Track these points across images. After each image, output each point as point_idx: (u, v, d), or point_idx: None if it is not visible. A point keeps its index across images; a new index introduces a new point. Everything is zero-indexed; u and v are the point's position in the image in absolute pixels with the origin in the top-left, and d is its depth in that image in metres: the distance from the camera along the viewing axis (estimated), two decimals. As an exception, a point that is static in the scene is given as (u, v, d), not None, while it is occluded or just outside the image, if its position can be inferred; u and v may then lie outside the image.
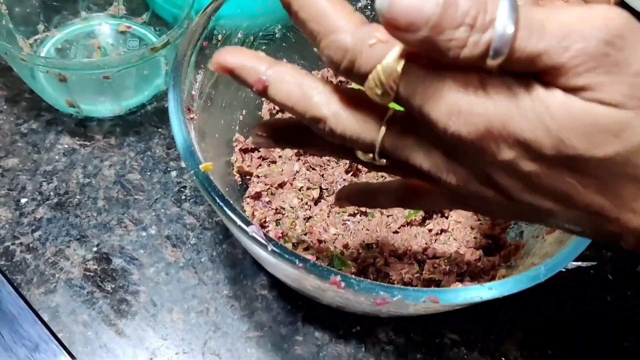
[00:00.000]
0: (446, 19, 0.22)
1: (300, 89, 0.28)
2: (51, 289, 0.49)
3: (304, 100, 0.28)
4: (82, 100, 0.57)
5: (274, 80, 0.28)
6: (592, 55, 0.21)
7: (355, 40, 0.25)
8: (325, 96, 0.28)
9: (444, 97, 0.24)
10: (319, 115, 0.28)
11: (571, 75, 0.22)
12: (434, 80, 0.24)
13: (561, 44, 0.22)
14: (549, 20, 0.22)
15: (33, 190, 0.55)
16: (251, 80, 0.28)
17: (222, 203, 0.36)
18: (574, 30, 0.22)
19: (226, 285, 0.51)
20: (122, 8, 0.67)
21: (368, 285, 0.34)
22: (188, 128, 0.40)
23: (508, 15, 0.21)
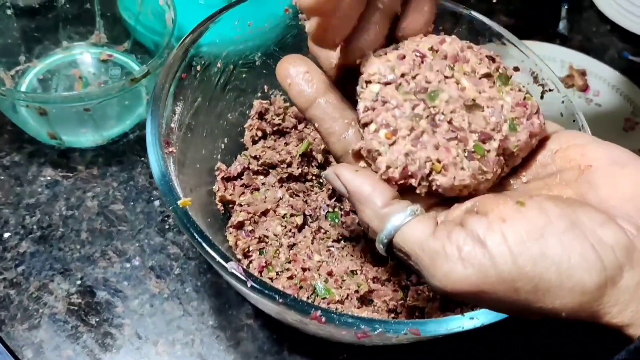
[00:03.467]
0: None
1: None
2: (35, 325, 0.49)
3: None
4: (64, 132, 0.57)
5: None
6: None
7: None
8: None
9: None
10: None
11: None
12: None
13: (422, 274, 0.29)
14: (411, 255, 0.28)
15: (16, 224, 0.54)
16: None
17: (200, 239, 0.36)
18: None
19: (211, 316, 0.50)
20: (103, 36, 0.67)
21: (349, 319, 0.34)
22: (167, 163, 0.40)
23: (383, 238, 0.29)
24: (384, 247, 0.30)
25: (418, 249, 0.28)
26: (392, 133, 0.31)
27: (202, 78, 0.49)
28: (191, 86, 0.48)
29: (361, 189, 0.30)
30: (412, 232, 0.28)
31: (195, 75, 0.48)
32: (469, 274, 0.26)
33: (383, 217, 0.29)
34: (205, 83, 0.50)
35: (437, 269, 0.27)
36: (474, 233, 0.27)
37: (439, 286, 0.27)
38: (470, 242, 0.27)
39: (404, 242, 0.28)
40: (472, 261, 0.26)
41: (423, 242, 0.28)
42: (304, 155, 0.53)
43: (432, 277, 0.28)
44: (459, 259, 0.26)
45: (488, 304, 0.28)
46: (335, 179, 0.31)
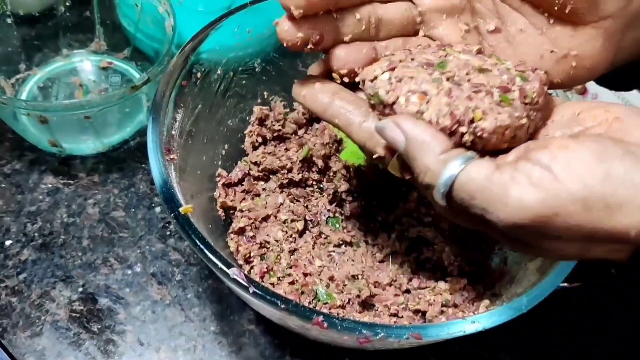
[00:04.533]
0: (409, 165, 0.31)
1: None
2: (37, 332, 0.49)
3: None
4: (65, 139, 0.57)
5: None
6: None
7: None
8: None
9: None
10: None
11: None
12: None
13: (485, 215, 0.29)
14: (478, 191, 0.28)
15: (17, 232, 0.54)
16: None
17: (202, 246, 0.37)
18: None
19: (213, 322, 0.50)
20: (103, 44, 0.67)
21: (351, 324, 0.35)
22: (168, 170, 0.41)
23: (444, 183, 0.29)
24: (444, 191, 0.30)
25: (485, 183, 0.28)
26: (423, 94, 0.32)
27: (202, 85, 0.49)
28: (191, 93, 0.48)
29: (423, 135, 0.30)
30: (477, 169, 0.29)
31: (196, 82, 0.48)
32: (542, 197, 0.27)
33: (444, 161, 0.30)
34: (206, 90, 0.50)
35: (509, 197, 0.27)
36: (540, 162, 0.28)
37: (511, 215, 0.28)
38: (538, 169, 0.27)
39: (468, 180, 0.29)
40: (543, 185, 0.27)
41: (489, 176, 0.28)
42: (304, 161, 0.53)
43: (504, 207, 0.28)
44: (530, 185, 0.27)
45: (560, 230, 0.28)
46: (393, 128, 0.31)
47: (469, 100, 0.31)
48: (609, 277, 0.56)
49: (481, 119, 0.31)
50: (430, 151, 0.30)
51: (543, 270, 0.41)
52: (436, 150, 0.30)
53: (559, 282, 0.38)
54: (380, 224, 0.53)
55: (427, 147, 0.30)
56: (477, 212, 0.29)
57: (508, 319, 0.36)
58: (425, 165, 0.30)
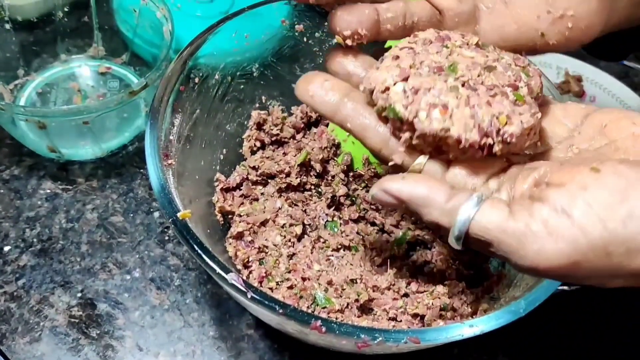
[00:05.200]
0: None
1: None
2: (36, 338, 0.49)
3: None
4: (63, 145, 0.57)
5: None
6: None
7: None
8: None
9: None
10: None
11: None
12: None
13: (505, 258, 0.28)
14: (493, 240, 0.28)
15: (16, 238, 0.54)
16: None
17: (200, 251, 0.37)
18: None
19: (212, 327, 0.50)
20: (101, 49, 0.68)
21: (349, 328, 0.35)
22: (166, 175, 0.41)
23: (457, 234, 0.29)
24: (459, 241, 0.29)
25: (500, 234, 0.27)
26: (444, 108, 0.31)
27: (200, 90, 0.49)
28: (189, 98, 0.48)
29: (417, 192, 0.29)
30: (488, 219, 0.28)
31: (194, 87, 0.48)
32: (561, 247, 0.26)
33: (451, 212, 0.29)
34: (204, 95, 0.50)
35: (527, 249, 0.27)
36: (557, 206, 0.26)
37: (531, 266, 0.27)
38: (555, 215, 0.26)
39: (481, 230, 0.28)
40: (561, 234, 0.26)
41: (503, 226, 0.27)
42: (303, 165, 0.53)
43: (523, 259, 0.27)
44: (548, 235, 0.26)
45: (581, 276, 0.27)
46: (384, 196, 0.30)
47: (489, 107, 0.31)
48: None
49: (506, 123, 0.31)
50: (434, 205, 0.29)
51: (541, 273, 0.41)
52: (439, 201, 0.29)
53: (557, 285, 0.38)
54: (379, 228, 0.53)
55: (428, 202, 0.29)
56: (494, 255, 0.29)
57: (506, 323, 0.36)
58: (434, 220, 0.29)
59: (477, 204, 0.28)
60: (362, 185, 0.54)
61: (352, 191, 0.54)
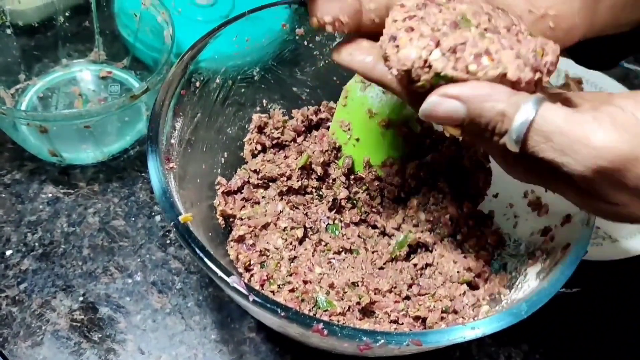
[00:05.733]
0: (473, 125, 0.30)
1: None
2: (38, 342, 0.49)
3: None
4: (65, 149, 0.57)
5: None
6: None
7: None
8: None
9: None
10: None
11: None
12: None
13: (560, 159, 0.28)
14: (555, 133, 0.28)
15: (18, 242, 0.55)
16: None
17: (202, 254, 0.37)
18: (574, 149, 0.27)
19: (213, 330, 0.50)
20: (102, 54, 0.68)
21: (351, 331, 0.35)
22: (167, 178, 0.41)
23: (520, 125, 0.28)
24: (519, 135, 0.28)
25: (565, 123, 0.27)
26: (489, 55, 0.31)
27: (201, 93, 0.49)
28: (191, 102, 0.48)
29: (481, 90, 0.29)
30: (554, 110, 0.28)
31: (195, 91, 0.48)
32: (626, 139, 0.26)
33: (515, 104, 0.29)
34: (205, 98, 0.50)
35: (592, 138, 0.27)
36: (623, 107, 0.27)
37: (592, 157, 0.27)
38: (621, 113, 0.27)
39: (546, 121, 0.28)
40: (628, 127, 0.26)
41: (569, 116, 0.27)
42: (304, 168, 0.53)
43: (584, 149, 0.27)
44: (614, 126, 0.27)
45: (635, 178, 0.27)
46: (444, 100, 0.30)
47: (520, 44, 0.31)
48: (608, 282, 0.57)
49: (543, 54, 0.31)
50: (498, 98, 0.29)
51: (543, 275, 0.41)
52: (503, 95, 0.29)
53: (558, 288, 0.38)
54: (380, 230, 0.53)
55: (492, 97, 0.29)
56: (550, 157, 0.28)
57: (508, 325, 0.36)
58: (499, 111, 0.29)
59: (540, 101, 0.28)
60: (363, 188, 0.54)
61: (353, 194, 0.54)
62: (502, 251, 0.50)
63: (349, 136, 0.53)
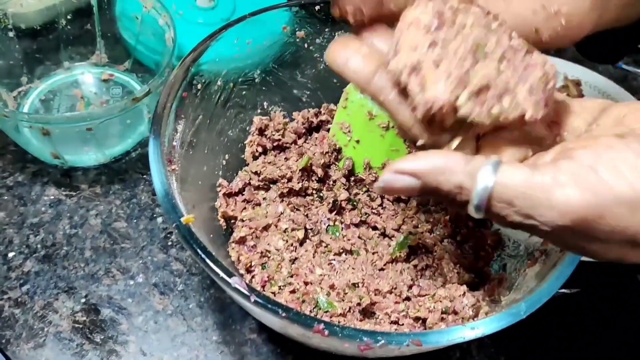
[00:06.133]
0: (433, 195, 0.30)
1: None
2: (40, 343, 0.49)
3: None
4: (67, 151, 0.58)
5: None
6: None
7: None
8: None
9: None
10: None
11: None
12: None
13: (525, 222, 0.28)
14: (517, 198, 0.28)
15: (20, 244, 0.55)
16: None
17: (204, 255, 0.37)
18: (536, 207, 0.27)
19: (215, 331, 0.51)
20: (104, 56, 0.68)
21: (351, 331, 0.35)
22: (169, 180, 0.41)
23: (479, 197, 0.28)
24: (480, 204, 0.28)
25: (526, 188, 0.27)
26: (508, 95, 0.30)
27: (202, 96, 0.50)
28: (192, 104, 0.48)
29: (434, 162, 0.29)
30: (512, 175, 0.28)
31: (196, 94, 0.49)
32: (588, 198, 0.26)
33: (472, 173, 0.28)
34: (206, 101, 0.51)
35: (554, 199, 0.27)
36: (583, 162, 0.27)
37: (556, 218, 0.27)
38: (581, 170, 0.27)
39: (506, 187, 0.28)
40: (588, 186, 0.26)
41: (529, 180, 0.27)
42: (304, 170, 0.53)
43: (550, 210, 0.27)
44: (575, 185, 0.27)
45: (604, 232, 0.27)
46: (398, 177, 0.30)
47: (527, 72, 0.31)
48: (607, 282, 0.57)
49: (547, 80, 0.31)
50: (454, 169, 0.29)
51: (542, 276, 0.41)
52: (460, 164, 0.29)
53: (557, 288, 0.38)
54: (380, 232, 0.53)
55: (448, 168, 0.29)
56: (517, 220, 0.28)
57: (507, 325, 0.37)
58: (456, 184, 0.29)
59: (497, 165, 0.28)
60: (363, 190, 0.54)
61: (353, 196, 0.54)
62: (502, 252, 0.50)
63: (349, 138, 0.54)
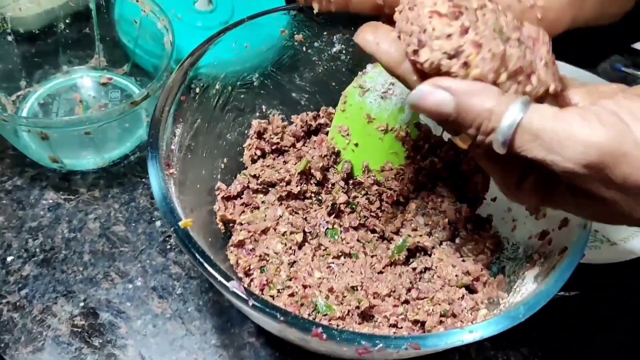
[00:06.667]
0: (460, 121, 0.30)
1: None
2: (39, 347, 0.49)
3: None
4: (65, 155, 0.58)
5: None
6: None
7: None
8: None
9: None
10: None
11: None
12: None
13: (548, 157, 0.28)
14: (544, 130, 0.28)
15: (19, 248, 0.55)
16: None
17: (202, 259, 0.37)
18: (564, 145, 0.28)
19: (214, 335, 0.51)
20: (102, 60, 0.68)
21: (349, 335, 0.35)
22: (167, 184, 0.41)
23: (508, 125, 0.29)
24: (507, 134, 0.29)
25: (552, 121, 0.28)
26: (534, 74, 0.31)
27: (201, 100, 0.50)
28: (190, 108, 0.48)
29: (472, 86, 0.30)
30: (542, 110, 0.28)
31: (195, 97, 0.49)
32: (612, 135, 0.27)
33: (505, 102, 0.29)
34: (204, 104, 0.51)
35: (578, 134, 0.27)
36: (606, 107, 0.28)
37: (579, 153, 0.28)
38: (605, 112, 0.28)
39: (534, 119, 0.28)
40: (611, 124, 0.27)
41: (557, 115, 0.28)
42: (303, 173, 0.53)
43: (572, 145, 0.27)
44: (599, 123, 0.27)
45: (624, 175, 0.28)
46: (434, 90, 0.30)
47: (535, 47, 0.32)
48: (606, 285, 0.57)
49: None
50: (488, 95, 0.29)
51: (541, 279, 0.41)
52: (494, 94, 0.29)
53: (556, 291, 0.38)
54: (379, 235, 0.53)
55: (482, 93, 0.29)
56: (538, 156, 0.29)
57: (506, 328, 0.37)
58: (487, 108, 0.29)
59: (528, 102, 0.29)
60: (362, 193, 0.54)
61: (352, 199, 0.54)
62: (501, 255, 0.50)
63: (348, 141, 0.54)
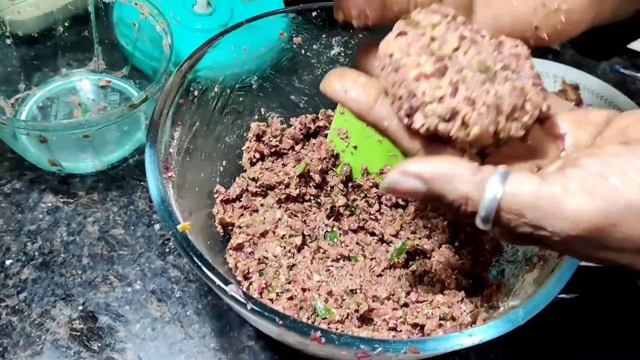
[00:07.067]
0: (437, 202, 0.28)
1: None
2: (37, 351, 0.49)
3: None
4: (64, 158, 0.57)
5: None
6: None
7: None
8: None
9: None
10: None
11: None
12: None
13: (535, 233, 0.27)
14: (527, 209, 0.27)
15: (18, 251, 0.55)
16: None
17: (200, 263, 0.37)
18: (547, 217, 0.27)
19: (213, 338, 0.51)
20: (101, 63, 0.68)
21: (348, 339, 0.35)
22: (166, 188, 0.41)
23: (487, 209, 0.27)
24: (489, 216, 0.27)
25: (534, 199, 0.27)
26: (521, 111, 0.30)
27: (199, 102, 0.50)
28: (189, 111, 0.48)
29: (441, 168, 0.28)
30: (520, 186, 0.27)
31: (193, 100, 0.49)
32: (600, 205, 0.26)
33: (480, 184, 0.27)
34: (203, 107, 0.50)
35: (565, 209, 0.26)
36: (592, 170, 0.27)
37: (568, 228, 0.26)
38: (590, 177, 0.26)
39: (514, 198, 0.27)
40: (599, 193, 0.26)
41: (538, 191, 0.27)
42: (302, 176, 0.53)
43: (562, 220, 0.26)
44: (586, 193, 0.26)
45: (616, 240, 0.27)
46: (403, 179, 0.29)
47: (517, 74, 0.30)
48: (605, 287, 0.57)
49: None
50: (461, 179, 0.27)
51: (540, 281, 0.41)
52: (466, 174, 0.27)
53: (555, 294, 0.38)
54: (378, 238, 0.53)
55: (455, 177, 0.28)
56: (527, 231, 0.27)
57: (506, 332, 0.36)
58: (462, 194, 0.28)
59: (506, 175, 0.27)
60: (361, 196, 0.54)
61: (351, 201, 0.54)
62: (500, 258, 0.50)
63: (347, 144, 0.54)
